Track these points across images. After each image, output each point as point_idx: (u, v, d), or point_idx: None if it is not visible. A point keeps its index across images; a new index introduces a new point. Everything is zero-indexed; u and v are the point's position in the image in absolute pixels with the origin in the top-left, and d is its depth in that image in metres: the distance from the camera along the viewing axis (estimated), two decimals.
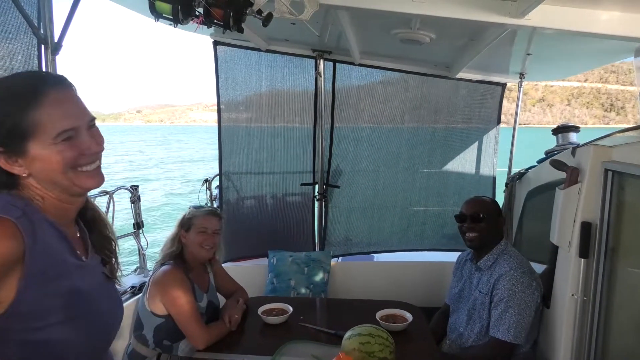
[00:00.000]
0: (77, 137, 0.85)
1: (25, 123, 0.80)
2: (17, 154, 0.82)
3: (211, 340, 1.88)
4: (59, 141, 0.82)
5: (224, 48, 3.12)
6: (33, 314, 0.79)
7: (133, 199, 3.69)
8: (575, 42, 2.21)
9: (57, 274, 0.84)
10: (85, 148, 0.86)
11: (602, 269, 1.64)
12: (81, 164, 0.86)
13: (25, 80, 0.85)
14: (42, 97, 0.81)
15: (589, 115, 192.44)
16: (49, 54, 1.98)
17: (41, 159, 0.82)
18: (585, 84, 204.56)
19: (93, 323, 0.91)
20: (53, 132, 0.81)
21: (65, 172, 0.84)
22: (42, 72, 0.86)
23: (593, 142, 1.76)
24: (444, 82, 3.38)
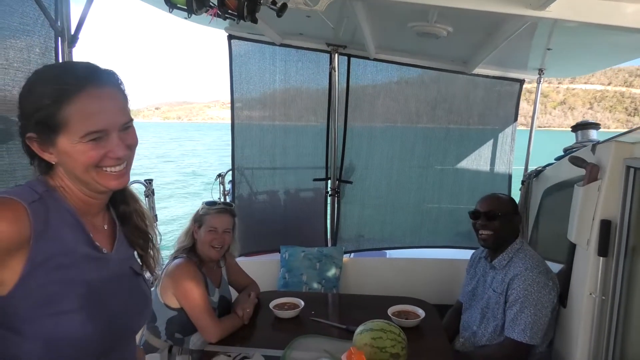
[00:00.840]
0: (105, 139, 0.84)
1: (57, 118, 0.80)
2: (47, 144, 0.83)
3: (223, 334, 1.89)
4: (86, 141, 0.82)
5: (239, 42, 3.12)
6: (38, 299, 0.78)
7: (147, 193, 3.72)
8: (598, 36, 2.14)
9: (66, 262, 0.83)
10: (110, 151, 0.85)
11: (621, 268, 1.60)
12: (105, 165, 0.86)
13: (73, 72, 0.85)
14: (79, 94, 0.81)
15: (612, 119, 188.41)
16: (65, 46, 2.00)
17: (66, 154, 0.82)
18: (608, 87, 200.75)
19: (103, 318, 0.88)
20: (81, 132, 0.81)
21: (88, 170, 0.84)
22: (92, 66, 0.84)
23: (614, 138, 1.71)
24: (460, 78, 3.33)
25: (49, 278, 0.79)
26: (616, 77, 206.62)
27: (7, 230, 0.74)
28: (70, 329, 0.82)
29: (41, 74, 0.84)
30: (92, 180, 0.85)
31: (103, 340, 0.89)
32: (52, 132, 0.81)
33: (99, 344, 0.88)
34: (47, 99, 0.80)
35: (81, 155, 0.82)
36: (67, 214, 0.85)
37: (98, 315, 0.87)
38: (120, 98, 0.88)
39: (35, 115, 0.80)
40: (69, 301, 0.82)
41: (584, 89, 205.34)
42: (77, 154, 0.82)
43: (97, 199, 0.92)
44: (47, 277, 0.79)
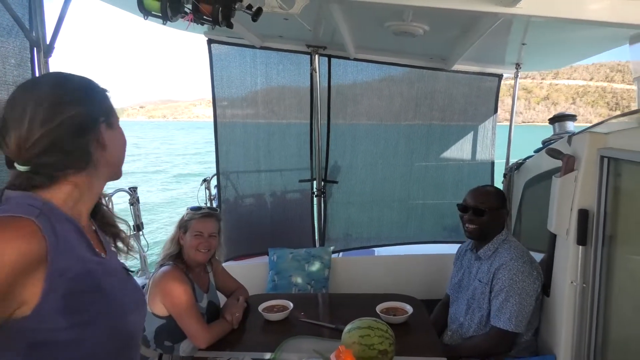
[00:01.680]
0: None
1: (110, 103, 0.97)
2: (110, 126, 0.94)
3: (212, 339, 1.88)
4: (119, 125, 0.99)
5: (218, 46, 3.11)
6: (59, 313, 0.78)
7: (132, 201, 3.69)
8: (568, 30, 2.20)
9: (80, 271, 0.83)
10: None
11: (600, 255, 1.64)
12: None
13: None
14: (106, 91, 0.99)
15: (594, 114, 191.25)
16: (41, 56, 1.98)
17: (119, 135, 0.97)
18: (590, 82, 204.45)
19: (117, 321, 0.90)
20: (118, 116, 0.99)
21: (125, 154, 1.00)
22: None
23: (588, 129, 1.76)
24: (440, 75, 3.37)
25: (69, 289, 0.79)
26: (598, 73, 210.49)
27: (26, 249, 0.73)
28: (96, 337, 0.83)
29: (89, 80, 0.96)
30: (120, 166, 0.99)
31: (119, 346, 0.91)
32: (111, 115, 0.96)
33: (116, 350, 0.91)
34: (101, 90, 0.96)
35: (123, 134, 0.99)
36: (69, 224, 0.85)
37: (118, 318, 0.90)
38: None
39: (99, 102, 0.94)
40: (90, 308, 0.83)
41: (567, 85, 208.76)
42: (122, 135, 0.99)
43: (91, 205, 0.95)
44: (67, 289, 0.79)
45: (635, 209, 1.55)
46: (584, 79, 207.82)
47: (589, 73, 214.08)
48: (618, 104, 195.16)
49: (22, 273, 0.72)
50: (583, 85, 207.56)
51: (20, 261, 0.72)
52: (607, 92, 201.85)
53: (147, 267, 3.67)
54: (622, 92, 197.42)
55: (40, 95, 0.85)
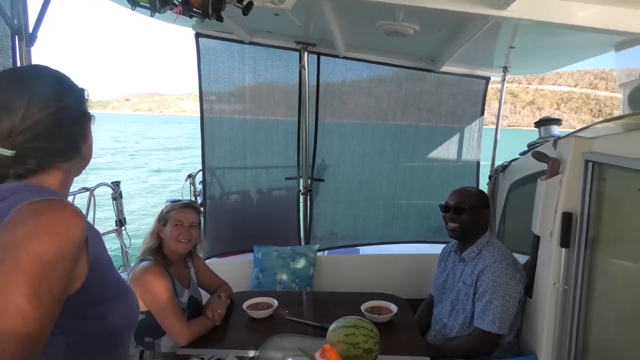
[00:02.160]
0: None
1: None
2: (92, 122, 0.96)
3: (193, 336, 1.86)
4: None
5: (206, 40, 3.07)
6: (100, 288, 0.84)
7: (115, 196, 3.62)
8: (556, 35, 2.23)
9: (101, 245, 0.89)
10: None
11: (582, 258, 1.67)
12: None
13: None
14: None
15: (577, 120, 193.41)
16: (23, 45, 1.93)
17: (90, 129, 0.97)
18: (575, 89, 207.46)
19: (124, 291, 0.95)
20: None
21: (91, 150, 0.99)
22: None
23: (574, 133, 1.78)
24: (429, 76, 3.39)
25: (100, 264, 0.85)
26: (582, 80, 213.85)
27: (83, 225, 0.77)
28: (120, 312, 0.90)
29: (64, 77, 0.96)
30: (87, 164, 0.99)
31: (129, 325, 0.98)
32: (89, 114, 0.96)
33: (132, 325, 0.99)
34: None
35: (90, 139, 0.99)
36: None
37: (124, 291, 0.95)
38: None
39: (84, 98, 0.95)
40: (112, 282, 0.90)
41: (552, 90, 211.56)
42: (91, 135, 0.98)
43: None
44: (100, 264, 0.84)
45: (618, 213, 1.58)
46: (569, 85, 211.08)
47: (573, 80, 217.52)
48: (601, 111, 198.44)
49: (80, 247, 0.77)
50: (568, 92, 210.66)
51: (80, 236, 0.76)
52: (591, 99, 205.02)
53: (129, 262, 3.62)
54: (605, 99, 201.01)
55: (39, 83, 0.87)
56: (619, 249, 1.58)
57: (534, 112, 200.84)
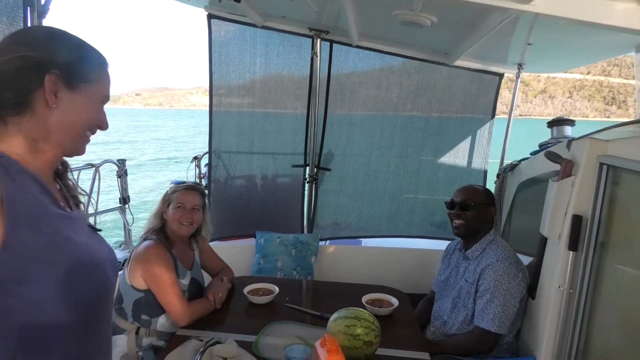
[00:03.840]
0: (103, 106, 0.96)
1: (94, 73, 0.92)
2: (68, 85, 0.87)
3: (192, 317, 1.87)
4: (100, 102, 0.94)
5: (219, 22, 3.03)
6: (24, 260, 0.77)
7: (120, 173, 3.63)
8: (578, 34, 2.17)
9: (43, 220, 0.82)
10: (102, 119, 0.96)
11: (590, 262, 1.64)
12: (92, 131, 0.95)
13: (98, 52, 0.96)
14: (106, 68, 0.96)
15: (590, 108, 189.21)
16: (35, 17, 1.90)
17: (80, 103, 0.90)
18: (587, 76, 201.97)
19: (92, 275, 0.90)
20: (103, 92, 0.95)
21: (84, 129, 0.92)
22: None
23: (589, 135, 1.74)
24: (441, 70, 3.34)
25: (31, 234, 0.78)
26: (595, 67, 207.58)
27: None
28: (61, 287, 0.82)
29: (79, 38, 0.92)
30: (75, 142, 0.92)
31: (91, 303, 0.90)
32: (83, 80, 0.90)
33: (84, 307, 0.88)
34: (91, 55, 0.92)
35: (94, 112, 0.93)
36: (29, 177, 0.83)
37: (86, 269, 0.88)
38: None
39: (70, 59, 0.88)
40: (58, 257, 0.83)
41: (564, 78, 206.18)
42: (91, 109, 0.92)
43: (54, 163, 0.94)
44: (29, 234, 0.78)
45: (630, 218, 1.55)
46: (581, 72, 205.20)
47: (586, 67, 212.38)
48: (614, 98, 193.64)
49: None
50: (580, 79, 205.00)
51: None
52: (604, 87, 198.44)
53: (132, 240, 3.63)
54: (618, 87, 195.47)
55: (11, 36, 0.87)
56: (628, 255, 1.56)
57: (545, 101, 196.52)
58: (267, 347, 1.69)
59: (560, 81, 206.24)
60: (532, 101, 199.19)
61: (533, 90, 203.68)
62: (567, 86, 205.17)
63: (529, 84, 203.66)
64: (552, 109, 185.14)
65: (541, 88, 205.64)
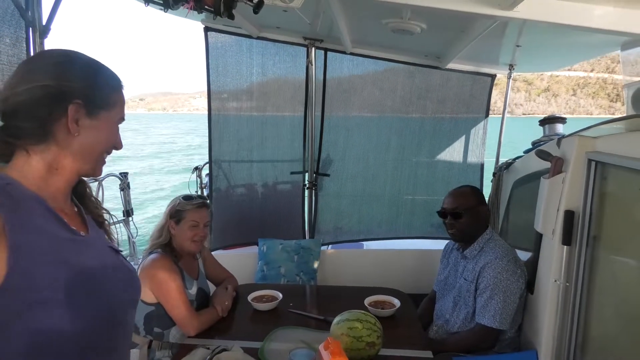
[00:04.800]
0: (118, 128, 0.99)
1: (112, 98, 0.94)
2: (89, 113, 0.89)
3: (201, 327, 1.90)
4: (117, 124, 0.96)
5: (215, 34, 3.10)
6: (29, 288, 0.77)
7: (122, 186, 3.67)
8: (563, 36, 2.23)
9: (50, 247, 0.82)
10: (118, 141, 0.99)
11: (584, 256, 1.69)
12: (109, 152, 0.98)
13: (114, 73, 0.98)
14: (121, 89, 0.98)
15: (595, 105, 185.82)
16: (37, 37, 1.96)
17: (100, 129, 0.92)
18: (591, 74, 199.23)
19: (99, 301, 0.88)
20: (120, 115, 0.97)
21: (103, 151, 0.95)
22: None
23: (578, 132, 1.80)
24: (434, 73, 3.40)
25: (36, 265, 0.78)
26: (599, 64, 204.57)
27: None
28: (64, 316, 0.81)
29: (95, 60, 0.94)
30: (93, 164, 0.94)
31: (101, 327, 0.89)
32: (102, 107, 0.92)
33: (95, 333, 0.87)
34: (107, 80, 0.94)
35: (111, 135, 0.95)
36: (34, 202, 0.84)
37: (94, 297, 0.87)
38: None
39: (90, 88, 0.90)
40: (62, 286, 0.81)
41: (567, 76, 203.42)
42: (110, 131, 0.95)
43: (69, 186, 0.94)
44: (34, 263, 0.78)
45: (619, 212, 1.60)
46: (585, 70, 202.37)
47: (589, 64, 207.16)
48: (619, 95, 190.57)
49: None
50: (584, 77, 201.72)
51: None
52: (608, 84, 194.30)
53: (136, 253, 3.67)
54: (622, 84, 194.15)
55: (28, 63, 0.90)
56: (620, 248, 1.61)
57: (549, 100, 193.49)
58: (273, 352, 1.72)
59: (563, 79, 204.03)
60: (535, 100, 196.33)
61: (536, 89, 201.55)
62: (571, 84, 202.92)
63: (532, 83, 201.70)
64: (555, 107, 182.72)
65: (544, 86, 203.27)
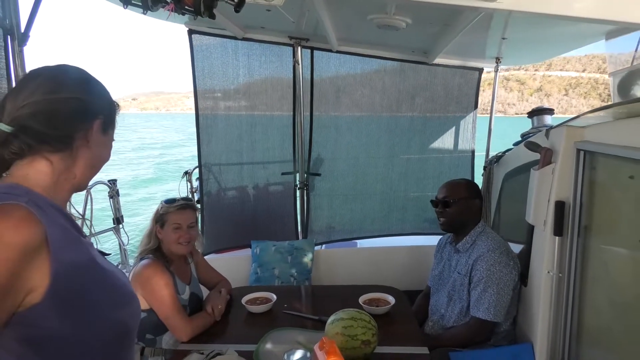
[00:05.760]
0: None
1: (116, 117, 1.00)
2: (103, 130, 0.94)
3: (194, 332, 1.88)
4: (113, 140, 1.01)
5: (200, 37, 3.07)
6: (72, 294, 0.79)
7: (111, 194, 3.62)
8: (547, 26, 2.24)
9: (79, 250, 0.85)
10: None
11: (575, 246, 1.69)
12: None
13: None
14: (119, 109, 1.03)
15: (587, 105, 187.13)
16: (15, 45, 1.92)
17: (107, 146, 0.98)
18: (583, 74, 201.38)
19: (119, 295, 0.93)
20: (114, 131, 1.01)
21: (101, 167, 0.98)
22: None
23: (565, 123, 1.80)
24: (422, 68, 3.40)
25: (73, 269, 0.80)
26: (590, 64, 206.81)
27: (27, 233, 0.73)
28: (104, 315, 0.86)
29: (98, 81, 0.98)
30: (91, 177, 0.98)
31: (128, 325, 0.93)
32: (110, 125, 0.98)
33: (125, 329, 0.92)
34: (114, 101, 1.00)
35: (110, 150, 1.00)
36: (54, 209, 0.85)
37: (120, 295, 0.92)
38: None
39: (109, 107, 0.97)
40: (97, 287, 0.86)
41: (560, 76, 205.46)
42: (109, 147, 0.99)
43: (70, 196, 0.96)
44: (71, 269, 0.80)
45: (609, 201, 1.60)
46: (577, 70, 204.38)
47: (581, 64, 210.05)
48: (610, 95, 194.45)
49: (27, 256, 0.73)
50: (576, 77, 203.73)
51: (25, 244, 0.72)
52: (600, 84, 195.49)
53: (128, 260, 3.63)
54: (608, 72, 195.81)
55: (57, 73, 0.90)
56: (611, 236, 1.61)
57: (542, 99, 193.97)
58: (268, 354, 1.71)
59: (556, 79, 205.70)
60: (528, 99, 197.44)
61: (529, 89, 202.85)
62: (563, 84, 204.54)
63: (525, 83, 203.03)
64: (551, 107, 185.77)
65: (537, 86, 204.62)
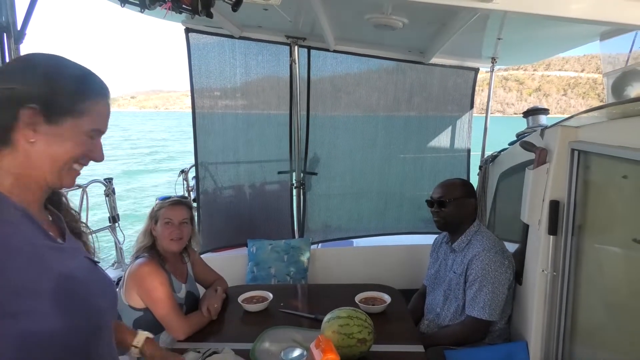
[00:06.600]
0: (95, 139, 0.92)
1: (79, 106, 0.87)
2: (48, 121, 0.84)
3: (190, 331, 1.88)
4: (87, 135, 0.89)
5: (197, 35, 3.06)
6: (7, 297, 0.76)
7: (107, 192, 3.62)
8: (542, 27, 2.25)
9: (28, 255, 0.81)
10: (92, 151, 0.92)
11: (569, 245, 1.71)
12: (80, 162, 0.91)
13: (97, 79, 0.94)
14: (101, 99, 0.92)
15: (585, 105, 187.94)
16: (11, 42, 1.91)
17: (64, 138, 0.86)
18: (582, 74, 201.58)
19: (80, 307, 0.88)
20: (90, 126, 0.89)
21: (69, 161, 0.88)
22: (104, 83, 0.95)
23: (560, 123, 1.81)
24: (418, 68, 3.41)
25: (15, 270, 0.77)
26: (589, 64, 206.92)
27: None
28: (45, 323, 0.80)
29: (65, 64, 0.89)
30: (58, 172, 0.88)
31: (86, 333, 0.88)
32: (65, 114, 0.86)
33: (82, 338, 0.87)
34: (74, 85, 0.87)
35: (77, 144, 0.88)
36: (12, 209, 0.83)
37: (79, 304, 0.87)
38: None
39: (50, 92, 0.84)
40: (45, 293, 0.81)
41: (558, 76, 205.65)
42: (74, 141, 0.87)
43: (42, 195, 0.92)
44: (13, 270, 0.77)
45: (603, 200, 1.62)
46: (576, 70, 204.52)
47: (580, 64, 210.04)
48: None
49: None
50: (574, 77, 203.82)
51: None
52: (598, 84, 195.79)
53: (124, 259, 3.63)
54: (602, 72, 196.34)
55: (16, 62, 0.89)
56: (605, 236, 1.62)
57: (540, 99, 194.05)
58: (264, 353, 1.71)
59: (554, 79, 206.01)
60: (527, 99, 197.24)
61: (528, 89, 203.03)
62: (562, 84, 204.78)
63: (524, 83, 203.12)
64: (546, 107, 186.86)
65: (536, 86, 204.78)
